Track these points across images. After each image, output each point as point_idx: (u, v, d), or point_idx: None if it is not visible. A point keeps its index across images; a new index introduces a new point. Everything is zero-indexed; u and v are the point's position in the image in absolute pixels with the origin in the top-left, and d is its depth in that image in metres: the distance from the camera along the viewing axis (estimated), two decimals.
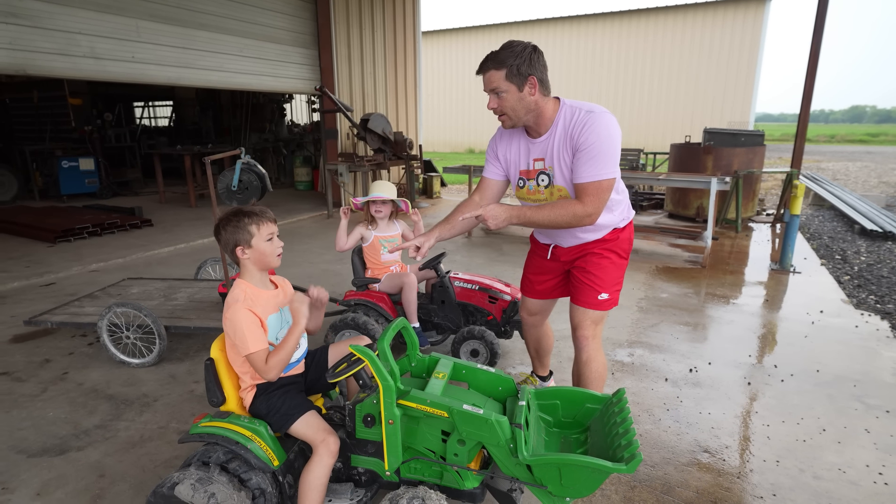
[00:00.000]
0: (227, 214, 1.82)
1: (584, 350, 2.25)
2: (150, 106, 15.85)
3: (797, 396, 2.89)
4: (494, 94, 2.02)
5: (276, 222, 1.88)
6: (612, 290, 2.23)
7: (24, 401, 2.85)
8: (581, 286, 2.24)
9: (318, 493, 1.73)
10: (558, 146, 2.07)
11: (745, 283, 4.92)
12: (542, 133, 2.11)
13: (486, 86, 2.04)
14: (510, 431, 1.68)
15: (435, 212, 8.72)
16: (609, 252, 2.24)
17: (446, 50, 21.34)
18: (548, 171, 2.13)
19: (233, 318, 1.73)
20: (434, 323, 3.30)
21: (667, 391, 2.96)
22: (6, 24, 4.91)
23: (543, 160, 2.13)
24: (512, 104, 2.02)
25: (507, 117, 2.07)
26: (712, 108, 16.76)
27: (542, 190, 2.18)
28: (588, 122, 1.98)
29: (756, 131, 7.82)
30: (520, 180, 2.25)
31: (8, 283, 4.85)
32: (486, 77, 2.03)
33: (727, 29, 16.19)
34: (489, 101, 2.08)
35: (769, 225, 7.53)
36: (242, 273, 1.86)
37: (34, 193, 9.59)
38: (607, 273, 2.22)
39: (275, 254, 1.84)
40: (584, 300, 2.23)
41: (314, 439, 1.77)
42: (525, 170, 2.21)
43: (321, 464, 1.73)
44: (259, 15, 7.53)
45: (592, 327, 2.24)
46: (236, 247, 1.79)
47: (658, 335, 3.73)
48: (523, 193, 2.27)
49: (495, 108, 2.06)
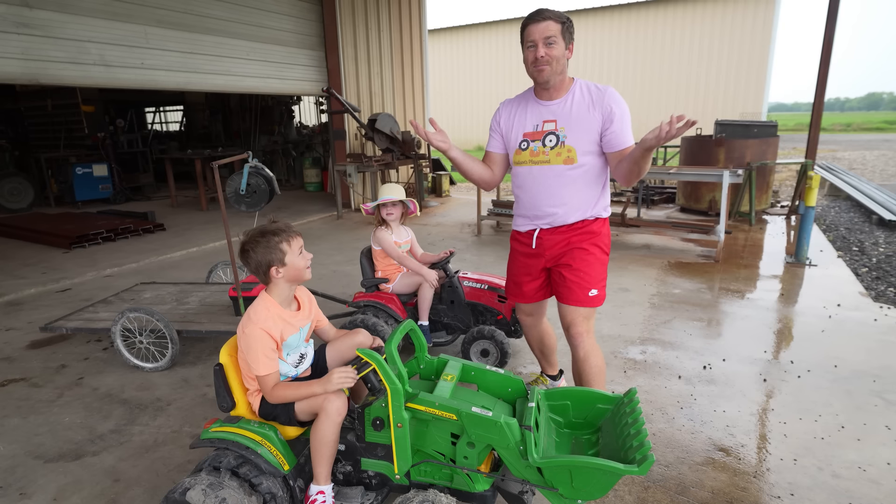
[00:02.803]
0: (253, 235, 1.80)
1: (580, 347, 2.27)
2: (161, 111, 16.03)
3: (814, 393, 2.84)
4: (545, 42, 2.09)
5: (300, 234, 1.89)
6: (599, 286, 2.27)
7: (40, 406, 2.90)
8: (569, 284, 2.26)
9: (328, 447, 1.77)
10: (578, 109, 2.19)
11: (760, 277, 4.84)
12: (556, 97, 2.23)
13: (537, 34, 2.10)
14: (520, 433, 1.67)
15: (444, 210, 8.71)
16: (593, 247, 2.28)
17: (454, 47, 21.28)
18: (557, 132, 2.22)
19: (250, 336, 1.75)
20: (444, 323, 3.29)
21: (680, 389, 2.92)
22: (18, 34, 4.98)
23: (555, 122, 2.22)
24: (557, 56, 2.11)
25: (550, 68, 2.13)
26: (724, 100, 16.52)
27: (546, 151, 2.25)
28: (610, 91, 2.18)
29: (769, 122, 7.69)
30: (522, 142, 2.30)
31: (25, 289, 4.93)
32: (541, 26, 2.10)
33: (738, 19, 15.93)
34: (536, 50, 2.12)
35: (784, 217, 7.40)
36: (270, 288, 1.85)
37: (50, 200, 9.75)
38: (593, 269, 2.27)
39: (307, 266, 1.85)
40: (575, 298, 2.25)
41: (316, 402, 1.78)
42: (531, 131, 2.27)
43: (327, 421, 1.75)
44: (265, 18, 7.56)
45: (585, 323, 2.27)
46: (270, 267, 1.79)
47: (671, 332, 3.68)
48: (525, 157, 2.30)
49: (541, 57, 2.11)
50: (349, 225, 7.70)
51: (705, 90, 16.84)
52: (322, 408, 1.77)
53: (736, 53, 16.13)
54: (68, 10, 5.31)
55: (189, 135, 14.22)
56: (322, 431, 1.76)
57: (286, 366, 1.89)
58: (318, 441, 1.77)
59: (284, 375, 1.90)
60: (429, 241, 6.46)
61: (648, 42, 17.36)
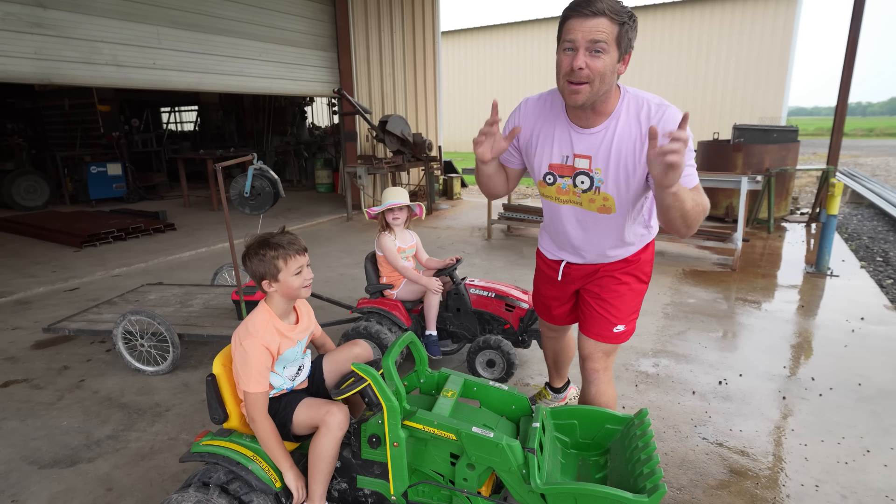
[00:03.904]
0: (253, 244, 1.74)
1: (593, 384, 2.02)
2: (176, 111, 16.17)
3: (837, 413, 2.70)
4: (590, 49, 1.49)
5: (306, 252, 1.79)
6: (628, 321, 1.96)
7: (40, 409, 2.86)
8: (594, 315, 1.95)
9: (326, 464, 1.69)
10: (622, 144, 1.64)
11: (779, 288, 4.68)
12: (595, 123, 1.67)
13: (581, 33, 1.49)
14: (522, 456, 1.58)
15: (455, 213, 8.63)
16: (628, 276, 1.93)
17: (468, 49, 21.20)
18: (592, 174, 1.71)
19: (247, 350, 1.68)
20: (449, 331, 3.20)
21: (694, 405, 2.80)
22: (32, 34, 5.00)
23: (590, 159, 1.70)
24: (604, 70, 1.52)
25: (590, 88, 1.54)
26: (742, 104, 16.22)
27: (577, 192, 1.77)
28: (670, 116, 1.60)
29: (789, 127, 7.50)
30: (548, 175, 1.80)
31: (34, 287, 4.95)
32: (589, 23, 1.47)
33: (758, 21, 15.64)
34: (574, 57, 1.51)
35: (804, 225, 7.19)
36: (268, 298, 1.79)
37: (65, 198, 9.85)
38: (625, 302, 1.93)
39: (302, 287, 1.76)
40: (597, 332, 1.95)
41: (317, 415, 1.72)
42: (558, 164, 1.76)
43: (328, 435, 1.68)
44: (278, 19, 7.56)
45: (604, 359, 1.99)
46: (262, 280, 1.73)
47: (685, 344, 3.55)
48: (551, 192, 1.84)
49: (580, 69, 1.50)
50: (358, 227, 7.65)
51: (722, 93, 16.56)
52: (323, 421, 1.70)
53: (755, 56, 15.83)
54: (81, 11, 5.33)
55: (203, 135, 14.33)
56: (322, 446, 1.69)
57: (281, 379, 1.82)
58: (316, 456, 1.69)
59: (279, 388, 1.83)
60: (437, 245, 6.38)
61: (664, 44, 17.12)
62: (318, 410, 1.73)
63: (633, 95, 1.67)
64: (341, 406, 1.74)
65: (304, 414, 1.76)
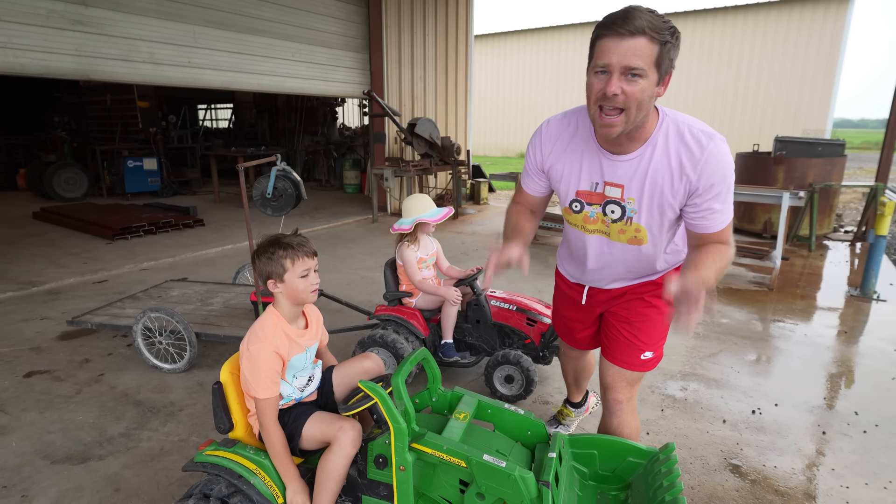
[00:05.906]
0: (263, 242, 1.71)
1: (615, 415, 1.87)
2: (212, 108, 16.54)
3: (884, 453, 2.49)
4: (626, 74, 1.33)
5: (315, 255, 1.74)
6: (657, 347, 1.82)
7: (58, 402, 2.89)
8: (620, 341, 1.81)
9: (335, 482, 1.63)
10: (657, 174, 1.51)
11: (818, 311, 4.43)
12: (629, 150, 1.52)
13: (616, 56, 1.32)
14: (536, 489, 1.47)
15: (481, 219, 8.52)
16: (656, 298, 1.79)
17: (501, 53, 21.07)
18: (624, 204, 1.59)
19: (257, 355, 1.63)
20: (467, 343, 3.11)
21: (724, 435, 2.63)
22: (73, 31, 5.14)
23: (622, 188, 1.56)
24: (641, 98, 1.36)
25: (625, 119, 1.39)
26: (784, 115, 15.61)
27: (606, 222, 1.66)
28: (714, 150, 1.46)
29: (836, 140, 7.13)
30: (574, 203, 1.68)
31: (65, 278, 5.07)
32: (626, 44, 1.31)
33: (804, 28, 15.03)
34: (608, 81, 1.35)
35: (848, 244, 6.83)
36: (276, 302, 1.75)
37: (102, 191, 10.16)
38: (653, 326, 1.79)
39: (308, 290, 1.71)
40: (623, 358, 1.81)
41: (329, 431, 1.66)
42: (587, 191, 1.63)
43: (340, 453, 1.62)
44: (312, 20, 7.61)
45: (628, 389, 1.85)
46: (268, 279, 1.70)
47: (716, 367, 3.37)
48: (577, 220, 1.72)
49: (615, 95, 1.34)
50: (384, 229, 7.63)
51: (763, 104, 15.97)
52: (336, 438, 1.63)
53: (800, 66, 15.20)
54: (122, 9, 5.45)
55: (236, 132, 14.60)
56: (332, 463, 1.62)
57: (290, 388, 1.76)
58: (325, 474, 1.63)
59: (288, 398, 1.77)
60: (461, 252, 6.29)
61: (703, 52, 16.63)
62: (331, 426, 1.67)
63: (672, 120, 1.52)
64: (354, 423, 1.67)
65: (315, 429, 1.70)
